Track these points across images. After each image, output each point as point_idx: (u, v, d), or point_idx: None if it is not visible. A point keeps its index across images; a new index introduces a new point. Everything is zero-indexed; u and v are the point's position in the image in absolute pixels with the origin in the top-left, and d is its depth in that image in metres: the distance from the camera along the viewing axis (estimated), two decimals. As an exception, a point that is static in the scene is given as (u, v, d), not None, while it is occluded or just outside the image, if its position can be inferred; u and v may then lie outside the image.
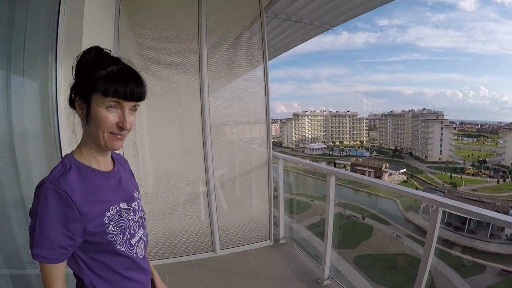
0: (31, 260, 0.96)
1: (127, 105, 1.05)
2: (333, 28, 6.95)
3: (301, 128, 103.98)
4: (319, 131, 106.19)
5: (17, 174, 1.87)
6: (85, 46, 1.94)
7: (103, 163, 1.17)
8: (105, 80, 1.01)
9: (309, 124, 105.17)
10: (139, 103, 1.10)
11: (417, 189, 48.22)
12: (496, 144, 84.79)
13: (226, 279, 3.69)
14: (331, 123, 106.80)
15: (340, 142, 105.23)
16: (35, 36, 1.95)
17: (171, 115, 3.78)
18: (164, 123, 3.76)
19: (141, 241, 1.25)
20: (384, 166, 64.88)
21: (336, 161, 77.49)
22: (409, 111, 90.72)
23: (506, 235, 29.98)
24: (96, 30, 2.36)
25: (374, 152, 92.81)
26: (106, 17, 2.76)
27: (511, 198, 46.41)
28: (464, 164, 72.08)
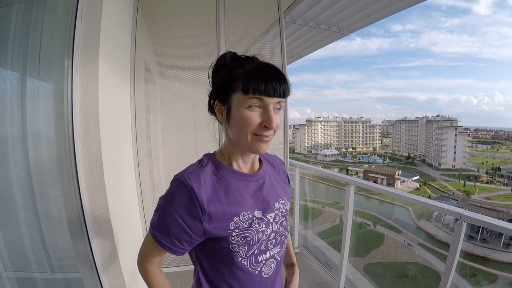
0: (38, 263, 0.93)
1: (271, 102, 0.95)
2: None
3: (314, 134, 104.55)
4: (332, 137, 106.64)
5: (29, 177, 1.84)
6: (102, 50, 1.93)
7: (245, 165, 1.10)
8: (244, 77, 0.95)
9: (322, 130, 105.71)
10: (284, 100, 0.99)
11: (429, 197, 47.88)
12: (511, 151, 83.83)
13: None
14: (344, 129, 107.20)
15: (353, 148, 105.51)
16: (52, 40, 1.93)
17: (186, 121, 3.74)
18: (178, 129, 3.71)
19: (272, 260, 1.12)
20: (396, 173, 64.54)
21: (348, 168, 77.24)
22: (423, 117, 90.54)
23: (520, 245, 29.54)
24: (114, 34, 2.33)
25: (387, 159, 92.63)
26: (123, 21, 2.73)
27: (526, 207, 45.57)
28: (478, 171, 71.47)
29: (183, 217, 0.96)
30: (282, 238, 1.14)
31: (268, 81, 0.93)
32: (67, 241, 1.96)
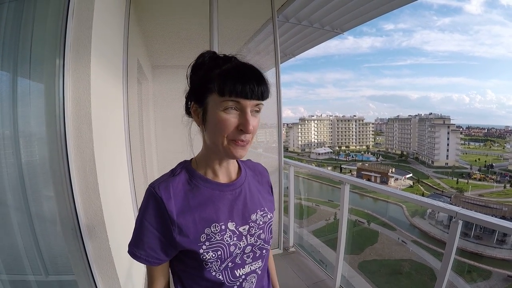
0: (32, 265, 0.91)
1: (248, 104, 0.90)
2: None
3: (307, 132, 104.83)
4: (325, 136, 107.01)
5: (22, 178, 1.81)
6: (94, 49, 1.90)
7: (221, 173, 1.06)
8: (220, 78, 0.90)
9: (315, 129, 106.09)
10: (263, 102, 0.94)
11: (423, 194, 48.19)
12: (503, 148, 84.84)
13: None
14: (338, 128, 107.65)
15: (346, 146, 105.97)
16: (43, 39, 1.90)
17: (180, 120, 3.70)
18: (172, 128, 3.68)
19: (254, 275, 1.08)
20: (390, 171, 64.87)
21: (342, 166, 77.49)
22: (416, 115, 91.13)
23: (514, 241, 29.81)
24: (106, 34, 2.31)
25: (380, 157, 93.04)
26: (115, 21, 2.70)
27: (518, 203, 46.03)
28: (471, 168, 72.10)
29: (156, 226, 0.96)
30: (263, 252, 1.10)
31: (246, 82, 0.88)
32: (61, 243, 1.94)
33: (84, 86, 1.84)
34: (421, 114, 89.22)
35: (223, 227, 0.99)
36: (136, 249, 0.98)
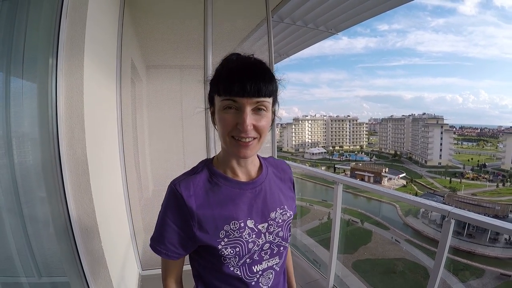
0: (25, 267, 0.91)
1: (246, 103, 0.90)
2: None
3: (301, 132, 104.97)
4: (319, 136, 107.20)
5: (14, 179, 1.80)
6: (88, 49, 1.89)
7: (240, 172, 1.07)
8: (219, 79, 0.94)
9: (309, 129, 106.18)
10: (267, 99, 0.94)
11: (416, 194, 48.42)
12: (496, 148, 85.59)
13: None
14: (331, 128, 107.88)
15: (340, 146, 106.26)
16: (36, 38, 1.89)
17: (173, 121, 3.69)
18: (165, 128, 3.67)
19: (271, 271, 1.10)
20: (383, 171, 65.16)
21: (335, 166, 77.68)
22: (409, 115, 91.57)
23: (505, 239, 30.05)
24: (99, 34, 2.30)
25: (374, 156, 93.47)
26: (109, 20, 2.69)
27: (510, 202, 46.47)
28: (464, 168, 72.64)
29: (176, 223, 0.99)
30: (281, 249, 1.11)
31: (240, 80, 0.89)
32: (53, 245, 1.93)
33: (77, 86, 1.83)
34: (414, 114, 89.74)
35: (242, 224, 1.01)
36: (157, 243, 1.03)
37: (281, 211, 1.12)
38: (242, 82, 0.88)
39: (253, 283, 1.06)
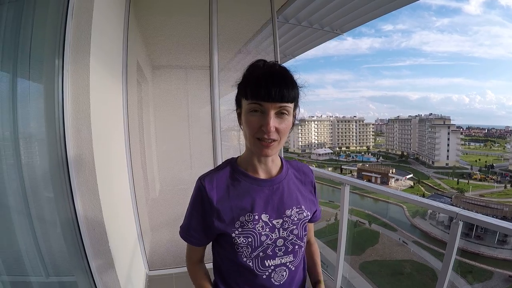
0: (33, 266, 0.93)
1: (270, 107, 1.00)
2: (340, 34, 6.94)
3: (308, 133, 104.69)
4: (325, 137, 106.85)
5: (22, 179, 1.81)
6: (94, 50, 1.90)
7: (261, 170, 1.17)
8: (246, 83, 1.04)
9: (316, 130, 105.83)
10: (289, 105, 1.03)
11: (423, 195, 48.07)
12: (504, 148, 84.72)
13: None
14: (338, 129, 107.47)
15: (346, 147, 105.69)
16: (42, 39, 1.91)
17: (180, 120, 3.70)
18: (172, 128, 3.67)
19: (284, 268, 1.15)
20: (390, 172, 64.64)
21: (342, 167, 77.37)
22: (416, 116, 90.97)
23: (515, 241, 29.73)
24: (106, 33, 2.31)
25: (381, 157, 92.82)
26: (115, 20, 2.70)
27: (519, 204, 45.89)
28: (471, 169, 71.94)
29: (200, 213, 1.13)
30: (296, 247, 1.16)
31: (266, 86, 0.98)
32: (61, 244, 1.93)
33: (83, 86, 1.84)
34: (421, 115, 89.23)
35: (256, 217, 1.10)
36: (185, 231, 1.19)
37: (298, 210, 1.18)
38: (267, 88, 0.98)
39: (264, 276, 1.12)
